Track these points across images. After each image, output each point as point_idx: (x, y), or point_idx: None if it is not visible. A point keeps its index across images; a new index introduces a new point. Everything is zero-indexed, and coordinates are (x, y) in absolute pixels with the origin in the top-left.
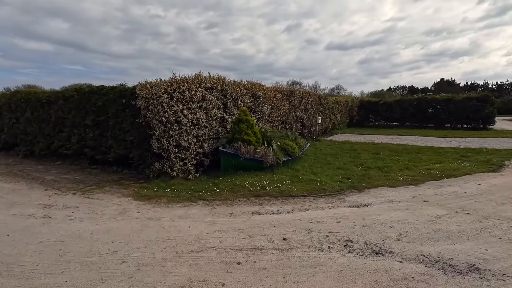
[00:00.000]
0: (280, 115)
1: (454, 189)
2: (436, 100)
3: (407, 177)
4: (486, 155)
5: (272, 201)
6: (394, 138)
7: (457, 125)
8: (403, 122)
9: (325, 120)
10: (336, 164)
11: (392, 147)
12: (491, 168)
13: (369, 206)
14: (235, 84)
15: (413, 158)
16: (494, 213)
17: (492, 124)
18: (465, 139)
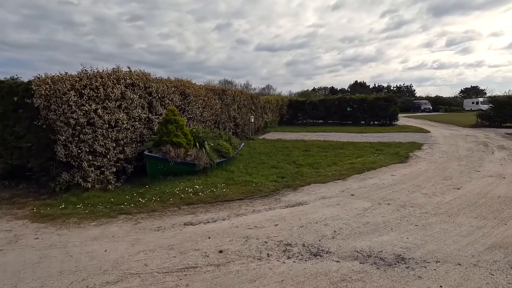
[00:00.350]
0: (212, 114)
1: (375, 181)
2: (353, 100)
3: (335, 172)
4: (395, 148)
5: (206, 208)
6: (320, 135)
7: (370, 122)
8: (327, 120)
9: (258, 119)
10: (270, 163)
11: (319, 144)
12: (400, 159)
13: (304, 205)
14: (162, 81)
15: (338, 154)
16: (408, 201)
17: (396, 120)
18: (377, 134)
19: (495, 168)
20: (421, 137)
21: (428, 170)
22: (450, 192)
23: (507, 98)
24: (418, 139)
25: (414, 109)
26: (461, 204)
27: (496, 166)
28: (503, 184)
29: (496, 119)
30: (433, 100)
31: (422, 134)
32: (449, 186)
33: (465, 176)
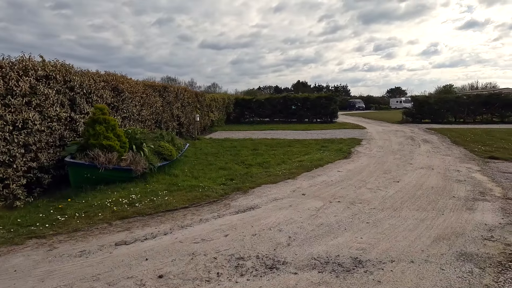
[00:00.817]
0: (152, 113)
1: (323, 178)
2: (297, 99)
3: (285, 171)
4: (338, 144)
5: (144, 222)
6: (268, 133)
7: (313, 120)
8: (273, 118)
9: (204, 117)
10: (218, 164)
11: (267, 142)
12: (344, 155)
13: (256, 209)
14: (87, 75)
15: (287, 152)
16: (356, 197)
17: (336, 118)
18: (320, 131)
19: (424, 160)
20: (359, 133)
21: (370, 165)
22: (392, 186)
23: (425, 98)
24: (357, 135)
25: (350, 107)
26: (403, 197)
27: (424, 158)
28: (433, 175)
29: (418, 116)
30: (366, 99)
31: (360, 131)
32: (390, 179)
33: (401, 169)
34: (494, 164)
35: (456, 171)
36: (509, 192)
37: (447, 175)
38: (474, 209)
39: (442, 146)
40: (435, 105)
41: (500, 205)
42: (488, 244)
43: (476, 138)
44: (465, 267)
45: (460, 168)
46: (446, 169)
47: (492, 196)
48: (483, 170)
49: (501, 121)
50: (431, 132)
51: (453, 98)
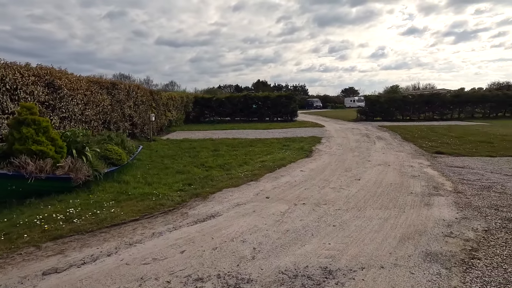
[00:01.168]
0: (99, 112)
1: (287, 179)
2: (258, 97)
3: (247, 173)
4: (299, 143)
5: (83, 241)
6: (229, 133)
7: (274, 118)
8: (234, 117)
9: (160, 117)
10: (176, 168)
11: (229, 142)
12: (306, 154)
13: (217, 217)
14: (12, 67)
15: (249, 152)
16: (321, 198)
17: (296, 116)
18: (281, 130)
19: (381, 157)
20: (318, 131)
21: (331, 163)
22: (354, 184)
23: (377, 97)
24: (317, 133)
25: (308, 106)
26: (365, 196)
27: (380, 155)
28: (390, 172)
29: (370, 114)
30: (323, 98)
31: (319, 129)
32: (351, 177)
33: (361, 167)
34: (441, 159)
35: (410, 166)
36: (458, 186)
37: (402, 171)
38: (431, 204)
39: (394, 142)
40: (385, 104)
41: (453, 199)
42: (450, 241)
43: (422, 134)
44: (432, 268)
45: (413, 164)
46: (401, 165)
47: (445, 191)
48: (433, 165)
49: (441, 118)
50: (383, 129)
51: (400, 97)
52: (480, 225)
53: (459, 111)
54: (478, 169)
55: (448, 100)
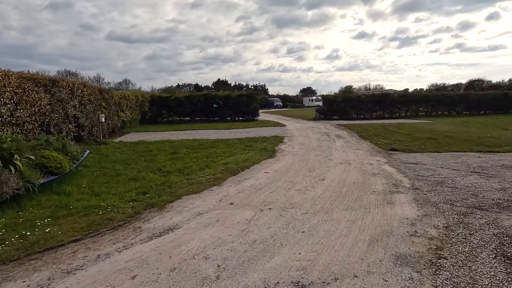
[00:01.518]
0: (34, 113)
1: (251, 182)
2: (218, 97)
3: (209, 177)
4: (262, 143)
5: (5, 274)
6: (189, 134)
7: (235, 118)
8: (194, 117)
9: (112, 118)
10: (129, 174)
11: (189, 144)
12: (269, 154)
13: (175, 230)
14: None
15: (210, 154)
16: (287, 201)
17: (257, 116)
18: (243, 129)
19: (341, 156)
20: (280, 131)
21: (295, 163)
22: (319, 185)
23: (334, 97)
24: (278, 133)
25: (269, 105)
26: (331, 197)
27: (341, 153)
28: (352, 170)
29: (328, 113)
30: (283, 97)
31: (280, 128)
32: (316, 177)
33: (324, 166)
34: (396, 156)
35: (369, 164)
36: (415, 182)
37: (363, 169)
38: (393, 202)
39: (352, 140)
40: (341, 103)
41: (412, 196)
42: (416, 241)
43: (376, 132)
44: (404, 273)
45: (372, 161)
46: (361, 163)
47: (404, 188)
48: (390, 162)
49: (391, 116)
50: (341, 127)
51: (355, 97)
52: (440, 221)
53: (405, 109)
54: (430, 165)
55: (396, 100)
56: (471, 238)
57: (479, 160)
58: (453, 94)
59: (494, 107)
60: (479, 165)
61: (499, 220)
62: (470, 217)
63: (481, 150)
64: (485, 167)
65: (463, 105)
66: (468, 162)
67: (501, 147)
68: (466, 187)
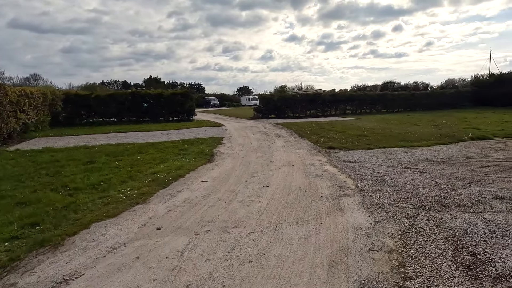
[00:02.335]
0: None
1: (185, 195)
2: (149, 95)
3: (132, 193)
4: (199, 145)
5: None
6: (113, 137)
7: (170, 118)
8: (121, 117)
9: (7, 120)
10: (17, 196)
11: (110, 150)
12: (207, 158)
13: (72, 283)
14: None
15: (136, 161)
16: (229, 218)
17: (194, 115)
18: (178, 131)
19: (283, 157)
20: (218, 131)
21: (235, 168)
22: (263, 193)
23: (270, 96)
24: (217, 133)
25: (206, 104)
26: (278, 207)
27: (282, 154)
28: (296, 173)
29: (265, 112)
30: (220, 96)
31: (218, 128)
32: (259, 184)
33: (267, 169)
34: (335, 154)
35: (312, 165)
36: (358, 183)
37: (307, 171)
38: (343, 209)
39: (292, 139)
40: (278, 102)
41: (359, 199)
42: (376, 257)
43: (313, 130)
44: None
45: (314, 162)
46: (304, 163)
47: (350, 190)
48: (331, 162)
49: (322, 115)
50: (279, 126)
51: (290, 96)
52: (393, 228)
53: (335, 108)
54: (367, 162)
55: (327, 99)
56: (427, 246)
57: (406, 155)
58: (374, 94)
59: (405, 106)
60: (408, 160)
61: (444, 221)
62: (419, 220)
63: (405, 145)
64: (414, 162)
65: (381, 104)
66: (398, 158)
67: (419, 141)
68: (405, 184)
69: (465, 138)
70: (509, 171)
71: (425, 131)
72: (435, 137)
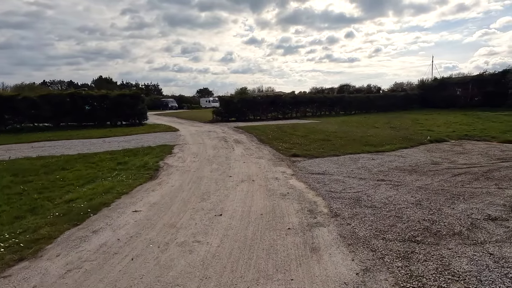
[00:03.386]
0: None
1: (103, 237)
2: (92, 96)
3: (21, 238)
4: (143, 156)
5: None
6: (38, 147)
7: (118, 122)
8: (58, 122)
9: None
10: None
11: (23, 167)
12: (148, 174)
13: None
14: None
15: (53, 182)
16: (158, 279)
17: (146, 119)
18: (124, 137)
19: (243, 169)
20: (171, 137)
21: (183, 188)
22: (214, 227)
23: (230, 98)
24: (169, 140)
25: (163, 107)
26: (232, 252)
27: (241, 165)
28: (257, 192)
29: (225, 114)
30: (178, 98)
31: (172, 134)
32: (211, 212)
33: (222, 188)
34: (300, 164)
35: (275, 179)
36: (331, 203)
37: (269, 188)
38: (318, 248)
39: (253, 146)
40: (238, 104)
41: (336, 229)
42: None
43: (275, 135)
44: None
45: (277, 174)
46: (266, 177)
47: (322, 215)
48: (296, 174)
49: (284, 117)
50: (239, 131)
51: (251, 98)
52: (388, 280)
53: (296, 110)
54: (336, 174)
55: (288, 101)
56: None
57: (375, 163)
58: (332, 97)
59: (361, 108)
60: (378, 169)
61: (446, 262)
62: (415, 261)
63: (370, 150)
64: (384, 171)
65: (340, 106)
66: (368, 166)
67: (383, 145)
68: (385, 204)
69: (424, 141)
70: (482, 180)
71: (385, 133)
72: (396, 140)
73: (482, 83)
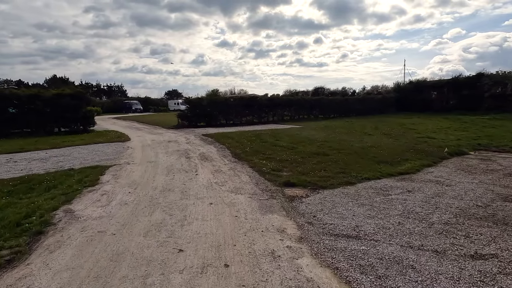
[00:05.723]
0: None
1: None
2: (17, 96)
3: None
4: (41, 195)
5: None
6: None
7: (55, 129)
8: None
9: None
10: None
11: None
12: (25, 241)
13: None
14: None
15: None
16: None
17: (93, 125)
18: (46, 152)
19: (205, 224)
20: (113, 151)
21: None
22: None
23: (199, 100)
24: (108, 156)
25: (126, 109)
26: None
27: (206, 213)
28: None
29: (193, 119)
30: (144, 100)
31: (118, 145)
32: None
33: None
34: (303, 206)
35: (271, 257)
36: None
37: None
38: None
39: (225, 166)
40: (208, 107)
41: None
42: None
43: (254, 146)
44: None
45: (272, 241)
46: (252, 254)
47: None
48: (307, 239)
49: (260, 121)
50: (208, 140)
51: (223, 100)
52: None
53: (273, 114)
54: (379, 235)
55: (264, 104)
56: None
57: (417, 199)
58: (311, 99)
59: (339, 111)
60: (438, 218)
61: None
62: None
63: (390, 172)
64: (452, 223)
65: (318, 109)
66: (415, 210)
67: (399, 163)
68: None
69: (444, 154)
70: None
71: (386, 143)
72: (409, 154)
73: (457, 87)
